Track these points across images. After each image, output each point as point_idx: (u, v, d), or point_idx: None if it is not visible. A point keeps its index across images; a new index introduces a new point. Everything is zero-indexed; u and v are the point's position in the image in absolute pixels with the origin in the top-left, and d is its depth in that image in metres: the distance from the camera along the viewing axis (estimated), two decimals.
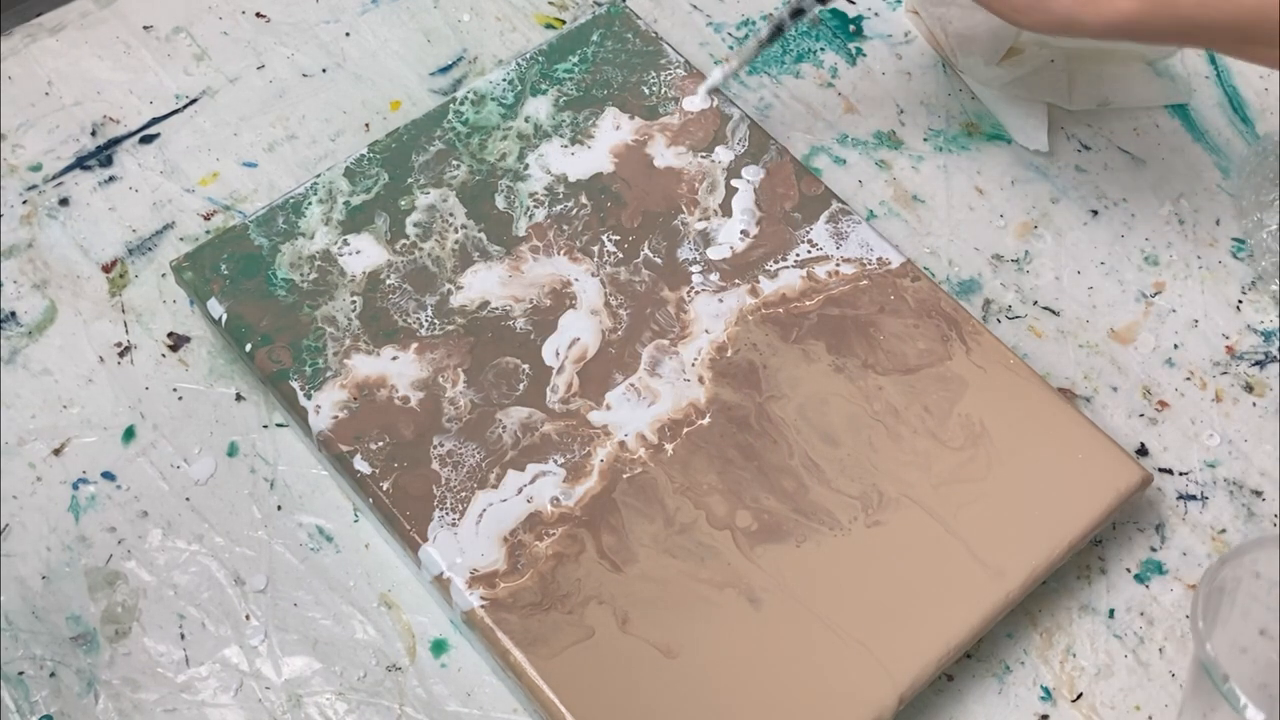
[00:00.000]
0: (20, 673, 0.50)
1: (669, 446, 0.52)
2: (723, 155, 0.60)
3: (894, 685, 0.48)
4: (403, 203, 0.58)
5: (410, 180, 0.58)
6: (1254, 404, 0.59)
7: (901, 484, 0.52)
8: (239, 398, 0.57)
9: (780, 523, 0.51)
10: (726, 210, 0.58)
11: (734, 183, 0.59)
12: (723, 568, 0.50)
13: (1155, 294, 0.61)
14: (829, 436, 0.53)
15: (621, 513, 0.51)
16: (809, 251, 0.57)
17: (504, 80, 0.61)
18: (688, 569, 0.50)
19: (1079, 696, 0.52)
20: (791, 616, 0.49)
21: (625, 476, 0.52)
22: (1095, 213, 0.64)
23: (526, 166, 0.59)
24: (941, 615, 0.49)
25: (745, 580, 0.50)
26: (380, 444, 0.52)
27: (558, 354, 0.54)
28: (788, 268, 0.57)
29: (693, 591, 0.49)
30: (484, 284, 0.56)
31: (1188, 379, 0.59)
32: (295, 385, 0.53)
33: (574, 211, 0.58)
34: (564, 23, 0.68)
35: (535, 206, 0.58)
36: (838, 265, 0.57)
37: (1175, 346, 0.60)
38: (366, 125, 0.64)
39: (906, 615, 0.49)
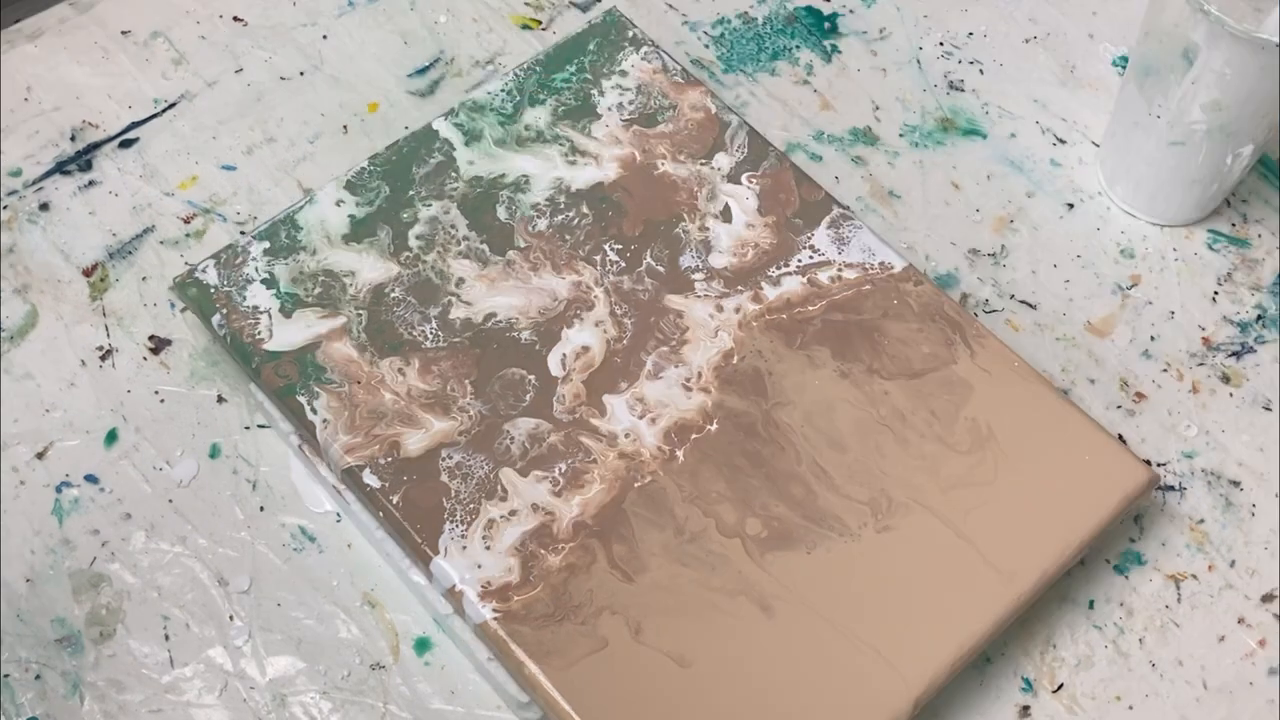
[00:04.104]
0: (5, 675, 0.50)
1: (677, 454, 0.52)
2: (723, 162, 0.60)
3: (909, 690, 0.48)
4: (404, 215, 0.58)
5: (411, 193, 0.58)
6: (1231, 395, 0.59)
7: (910, 488, 0.52)
8: (220, 400, 0.57)
9: (790, 529, 0.51)
10: (727, 217, 0.58)
11: (735, 189, 0.59)
12: (734, 575, 0.50)
13: (1131, 286, 0.62)
14: (836, 442, 0.53)
15: (631, 522, 0.51)
16: (811, 257, 0.57)
17: (502, 91, 0.61)
18: (699, 577, 0.50)
19: (1060, 687, 0.52)
20: (804, 623, 0.49)
21: (634, 486, 0.51)
22: (1071, 206, 0.64)
23: (527, 178, 0.59)
24: (954, 619, 0.49)
25: (757, 588, 0.50)
26: (389, 458, 0.52)
27: (563, 364, 0.54)
28: (790, 274, 0.57)
29: (705, 600, 0.49)
30: (488, 295, 0.56)
31: (1165, 371, 0.60)
32: (303, 400, 0.53)
33: (575, 221, 0.58)
34: (540, 23, 0.68)
35: (537, 217, 0.58)
36: (840, 270, 0.57)
37: (1152, 339, 0.60)
38: (345, 127, 0.65)
39: (919, 620, 0.49)
